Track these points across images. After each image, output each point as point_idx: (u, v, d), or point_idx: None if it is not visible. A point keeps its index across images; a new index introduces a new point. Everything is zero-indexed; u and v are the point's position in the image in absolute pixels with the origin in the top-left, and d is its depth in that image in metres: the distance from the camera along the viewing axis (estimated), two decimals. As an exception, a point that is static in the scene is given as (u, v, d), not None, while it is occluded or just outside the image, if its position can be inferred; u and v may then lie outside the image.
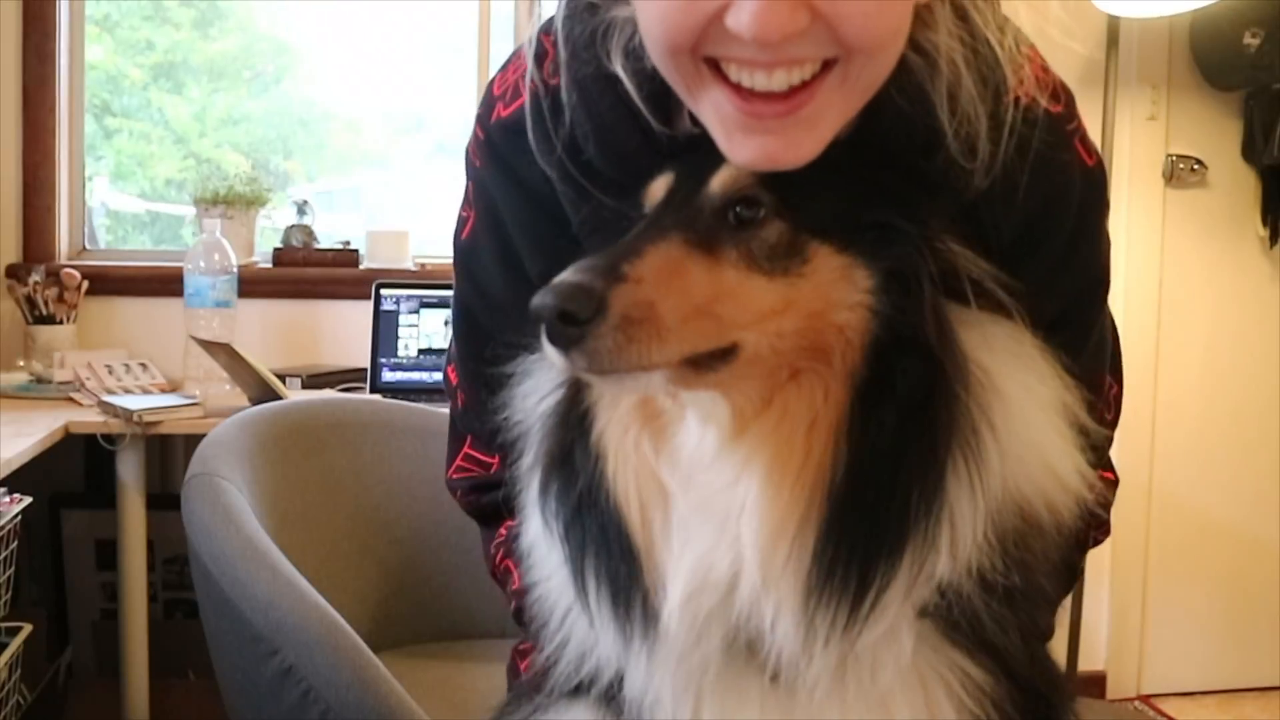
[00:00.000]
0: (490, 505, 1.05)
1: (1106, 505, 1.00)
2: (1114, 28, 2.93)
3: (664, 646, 0.74)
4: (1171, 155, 3.13)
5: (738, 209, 0.75)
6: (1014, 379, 0.76)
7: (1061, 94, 0.89)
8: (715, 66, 0.76)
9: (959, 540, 0.71)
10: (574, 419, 0.80)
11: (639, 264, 0.70)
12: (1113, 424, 1.06)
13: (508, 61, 0.97)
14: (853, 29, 0.72)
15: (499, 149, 0.95)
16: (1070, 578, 0.98)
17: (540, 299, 0.68)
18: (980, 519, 0.71)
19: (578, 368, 0.69)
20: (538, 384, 0.85)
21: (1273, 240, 3.20)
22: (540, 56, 0.89)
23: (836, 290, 0.73)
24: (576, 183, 0.87)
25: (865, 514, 0.70)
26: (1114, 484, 1.06)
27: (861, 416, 0.71)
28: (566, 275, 0.68)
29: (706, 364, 0.71)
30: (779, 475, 0.71)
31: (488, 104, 0.97)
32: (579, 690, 0.83)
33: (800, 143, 0.75)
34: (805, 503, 0.71)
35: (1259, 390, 3.26)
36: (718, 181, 0.77)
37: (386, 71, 3.23)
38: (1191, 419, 3.23)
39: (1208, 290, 3.22)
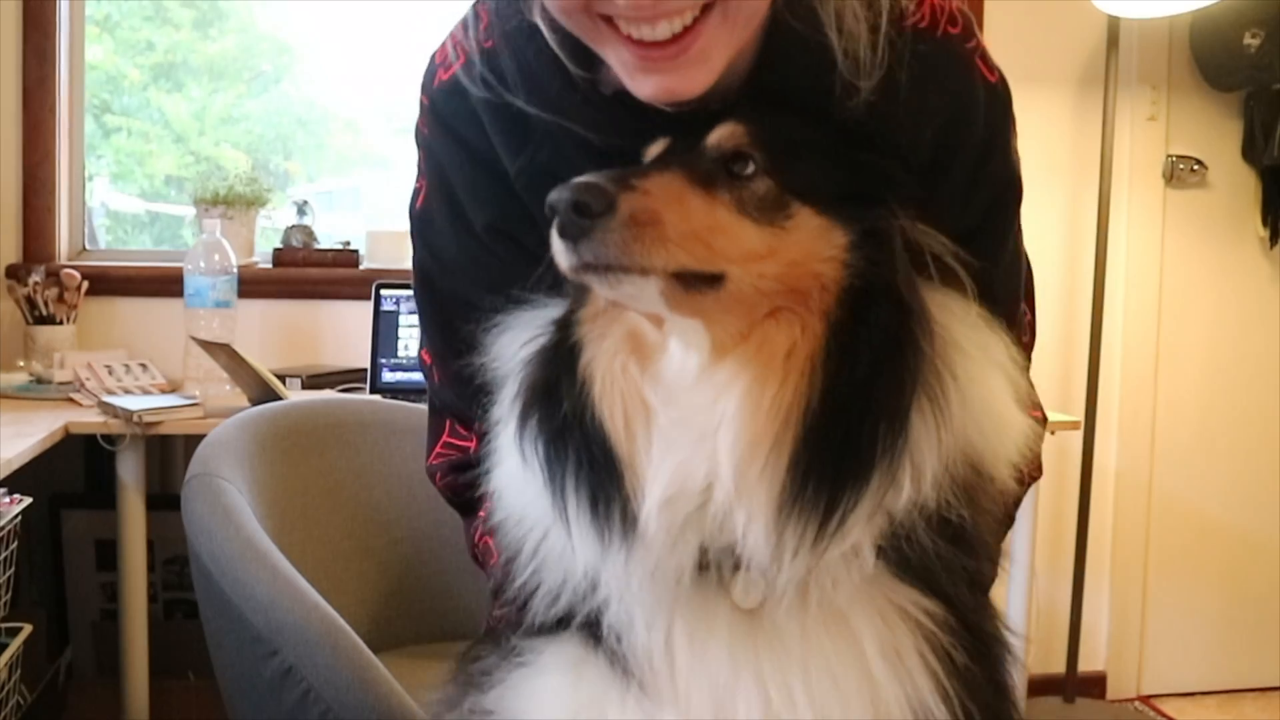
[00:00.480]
0: (467, 485, 1.07)
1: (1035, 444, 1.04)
2: (1114, 28, 2.93)
3: (640, 550, 0.78)
4: (1171, 156, 3.13)
5: (732, 164, 0.81)
6: (969, 338, 0.81)
7: (959, 16, 0.96)
8: (610, 20, 0.84)
9: (919, 475, 0.76)
10: (561, 355, 0.86)
11: (646, 181, 0.77)
12: (1028, 348, 1.10)
13: (447, 35, 1.04)
14: None
15: (441, 112, 1.03)
16: (1007, 527, 1.02)
17: (557, 193, 0.74)
18: (938, 459, 0.76)
19: (584, 259, 0.75)
20: (519, 334, 0.90)
21: (1273, 241, 3.20)
22: (474, 22, 0.97)
23: (815, 245, 0.80)
24: (512, 134, 0.96)
25: (837, 438, 0.75)
26: (1043, 421, 1.09)
27: (837, 350, 0.77)
28: (583, 177, 0.75)
29: (696, 285, 0.76)
30: (757, 395, 0.77)
31: (430, 72, 1.05)
32: (559, 625, 0.85)
33: (694, 77, 0.84)
34: (781, 422, 0.76)
35: (1259, 390, 3.26)
36: (715, 136, 0.83)
37: (386, 71, 3.23)
38: (1191, 419, 3.23)
39: (1208, 290, 3.22)
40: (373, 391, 2.68)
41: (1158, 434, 3.22)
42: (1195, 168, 3.14)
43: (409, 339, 2.74)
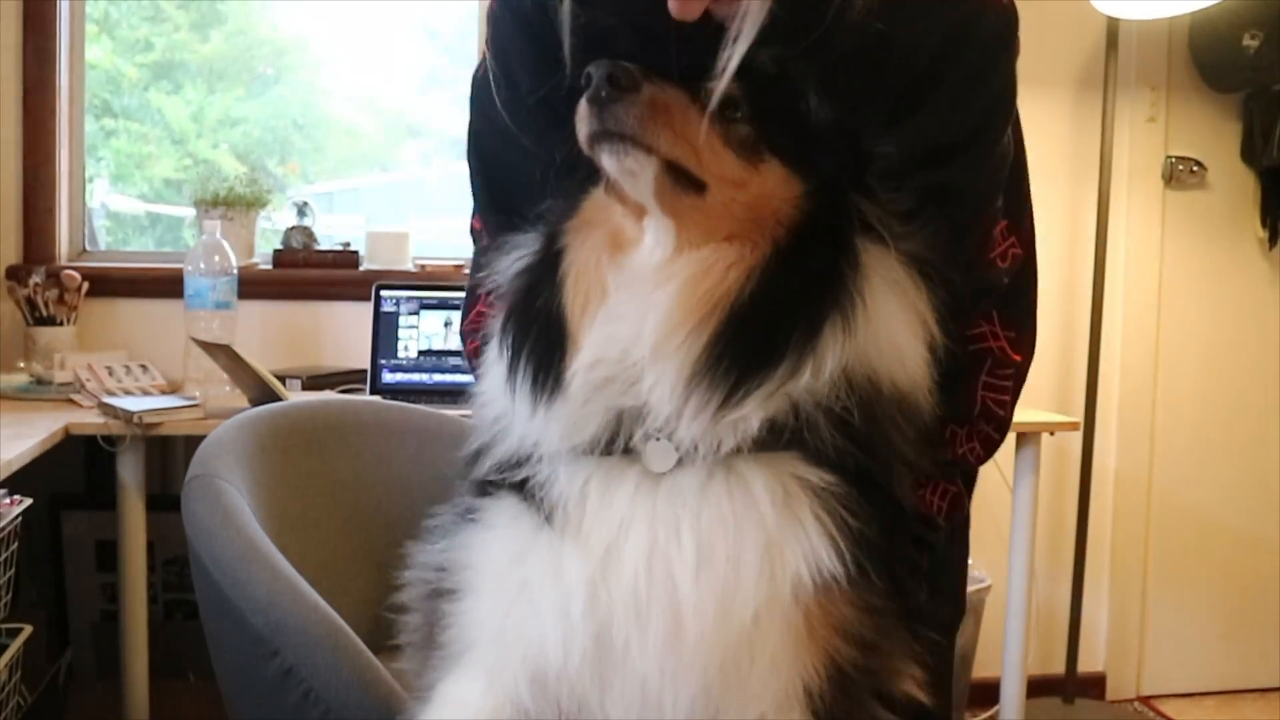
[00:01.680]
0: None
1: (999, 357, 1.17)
2: (1113, 29, 2.93)
3: (560, 405, 0.90)
4: (1171, 157, 3.13)
5: (725, 107, 0.93)
6: (885, 279, 0.94)
7: None
8: None
9: (819, 370, 0.89)
10: (547, 261, 0.98)
11: (667, 84, 0.90)
12: (1001, 273, 1.16)
13: None
14: None
15: None
16: (935, 447, 1.13)
17: (595, 66, 0.87)
18: (837, 362, 0.89)
19: (605, 125, 0.88)
20: (516, 253, 1.02)
21: (1272, 242, 3.21)
22: None
23: (777, 188, 0.94)
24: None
25: (757, 332, 0.88)
26: (1026, 344, 1.18)
27: (775, 266, 0.90)
28: (618, 61, 0.88)
29: (683, 185, 0.90)
30: (693, 287, 0.90)
31: None
32: (506, 486, 0.97)
33: None
34: (709, 309, 0.89)
35: (1258, 390, 3.26)
36: (716, 84, 0.96)
37: (386, 73, 3.23)
38: (1191, 419, 3.24)
39: (1207, 291, 3.22)
40: (373, 393, 2.68)
41: (1157, 434, 3.22)
42: (1194, 169, 3.14)
43: (409, 340, 2.75)
